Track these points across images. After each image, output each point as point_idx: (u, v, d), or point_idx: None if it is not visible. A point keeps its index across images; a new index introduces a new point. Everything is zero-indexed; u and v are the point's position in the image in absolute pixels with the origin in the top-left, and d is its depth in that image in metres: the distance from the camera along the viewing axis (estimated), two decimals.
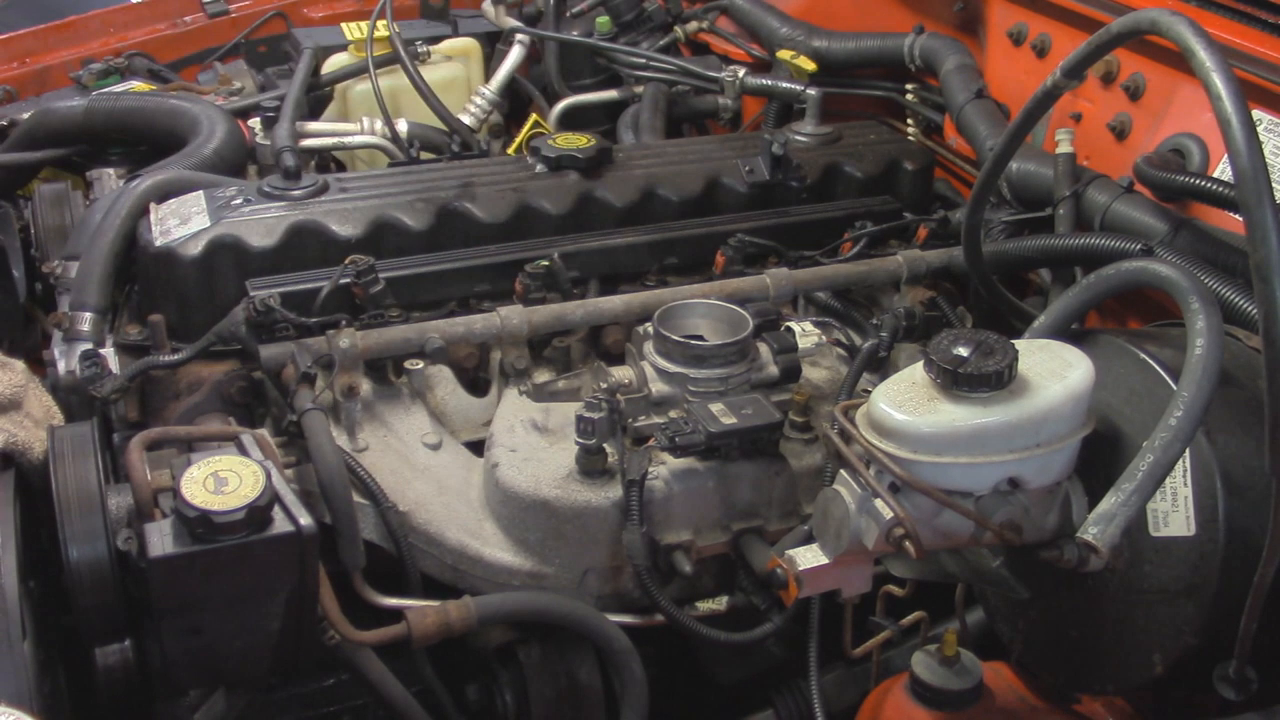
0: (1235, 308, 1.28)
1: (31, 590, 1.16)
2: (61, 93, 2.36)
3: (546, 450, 1.44)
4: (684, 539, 1.42)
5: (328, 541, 1.29)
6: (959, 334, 1.11)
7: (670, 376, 1.45)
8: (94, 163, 2.05)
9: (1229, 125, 1.00)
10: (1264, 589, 1.05)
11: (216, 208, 1.61)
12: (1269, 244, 0.97)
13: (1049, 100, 1.26)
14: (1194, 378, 1.05)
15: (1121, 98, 1.67)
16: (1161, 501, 1.14)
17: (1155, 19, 1.09)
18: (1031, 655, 1.32)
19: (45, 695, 1.10)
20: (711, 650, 1.57)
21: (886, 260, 1.70)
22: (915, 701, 1.27)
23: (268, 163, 2.07)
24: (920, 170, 1.90)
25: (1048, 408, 1.09)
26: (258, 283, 1.54)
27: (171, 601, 1.12)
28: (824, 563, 1.16)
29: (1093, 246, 1.49)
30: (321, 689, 1.48)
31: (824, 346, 1.65)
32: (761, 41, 2.34)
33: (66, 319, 1.54)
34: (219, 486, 1.11)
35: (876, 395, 1.12)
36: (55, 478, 1.18)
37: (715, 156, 1.86)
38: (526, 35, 2.41)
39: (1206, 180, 1.43)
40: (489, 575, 1.42)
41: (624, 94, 2.39)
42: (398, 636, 1.32)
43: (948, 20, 2.06)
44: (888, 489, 1.09)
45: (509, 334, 1.53)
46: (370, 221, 1.64)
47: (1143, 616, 1.16)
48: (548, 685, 1.46)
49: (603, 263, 1.69)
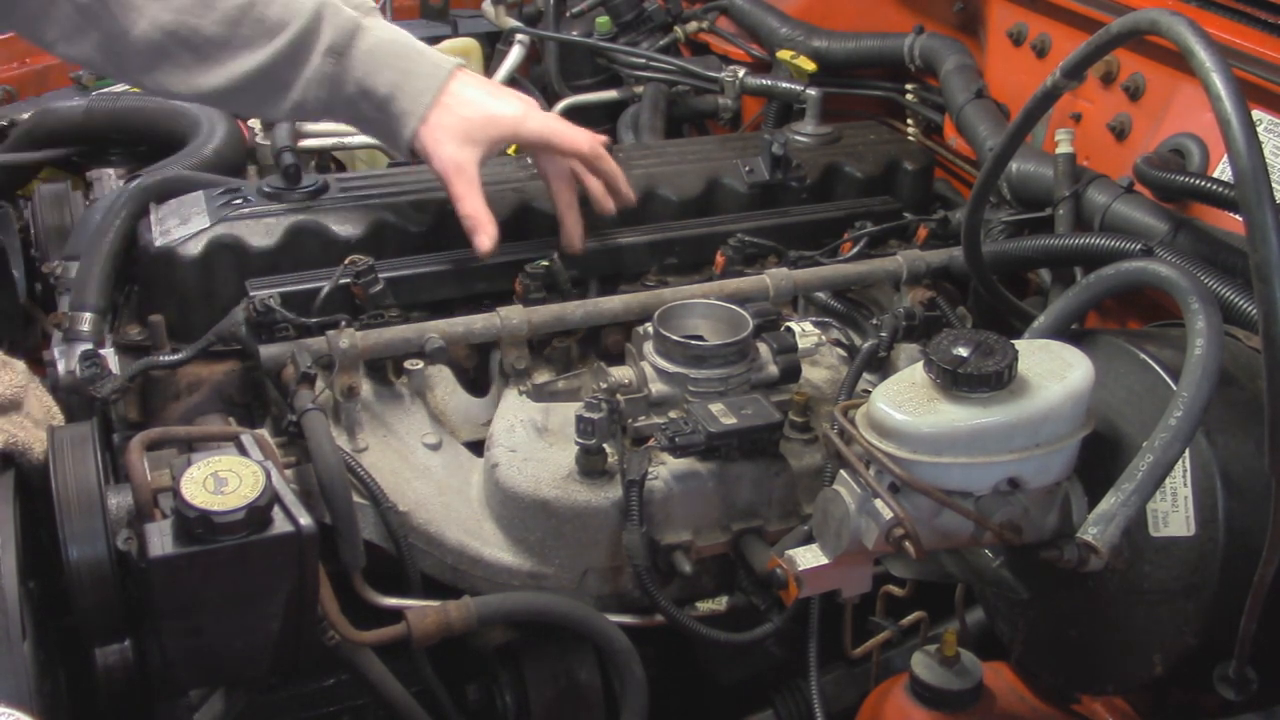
0: (1235, 308, 1.28)
1: (31, 590, 1.16)
2: (61, 93, 2.36)
3: (546, 450, 1.44)
4: (684, 539, 1.42)
5: (328, 541, 1.29)
6: (959, 334, 1.11)
7: (670, 377, 1.46)
8: (94, 163, 2.05)
9: (1229, 125, 1.00)
10: (1264, 589, 1.05)
11: (216, 208, 1.61)
12: (1269, 244, 0.97)
13: (1049, 100, 1.26)
14: (1194, 378, 1.05)
15: (1121, 98, 1.67)
16: (1161, 501, 1.14)
17: (1155, 19, 1.09)
18: (1031, 655, 1.32)
19: (45, 695, 1.10)
20: (711, 650, 1.57)
21: (886, 260, 1.70)
22: (915, 702, 1.28)
23: (268, 163, 2.07)
24: (920, 170, 1.90)
25: (1047, 408, 1.09)
26: (257, 283, 1.55)
27: (171, 602, 1.12)
28: (824, 563, 1.16)
29: (1093, 246, 1.49)
30: (321, 689, 1.48)
31: (824, 346, 1.65)
32: (761, 41, 2.34)
33: (66, 319, 1.54)
34: (219, 487, 1.11)
35: (876, 395, 1.12)
36: (55, 478, 1.18)
37: (715, 156, 1.86)
38: (526, 35, 2.41)
39: (1206, 180, 1.43)
40: (489, 575, 1.42)
41: (624, 94, 2.39)
42: (398, 636, 1.32)
43: (948, 20, 2.06)
44: (888, 489, 1.09)
45: (509, 334, 1.53)
46: (370, 221, 1.64)
47: (1143, 616, 1.16)
48: (548, 685, 1.46)
49: (603, 263, 1.69)
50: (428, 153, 1.56)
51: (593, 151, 1.61)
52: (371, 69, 1.54)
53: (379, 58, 1.54)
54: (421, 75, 1.55)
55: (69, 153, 2.10)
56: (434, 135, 1.55)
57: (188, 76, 1.53)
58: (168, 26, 1.49)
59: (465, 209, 1.56)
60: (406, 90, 1.54)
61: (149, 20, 1.49)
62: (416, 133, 1.55)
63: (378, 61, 1.54)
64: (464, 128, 1.55)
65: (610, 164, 1.63)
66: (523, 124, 1.58)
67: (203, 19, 1.49)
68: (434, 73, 1.56)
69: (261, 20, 1.51)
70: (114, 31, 1.49)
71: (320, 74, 1.53)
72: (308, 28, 1.51)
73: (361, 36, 1.54)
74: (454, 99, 1.56)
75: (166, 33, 1.49)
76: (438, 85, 1.55)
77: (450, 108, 1.55)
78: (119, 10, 1.48)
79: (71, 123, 2.08)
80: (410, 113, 1.55)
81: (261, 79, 1.53)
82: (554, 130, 1.59)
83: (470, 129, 1.55)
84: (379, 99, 1.55)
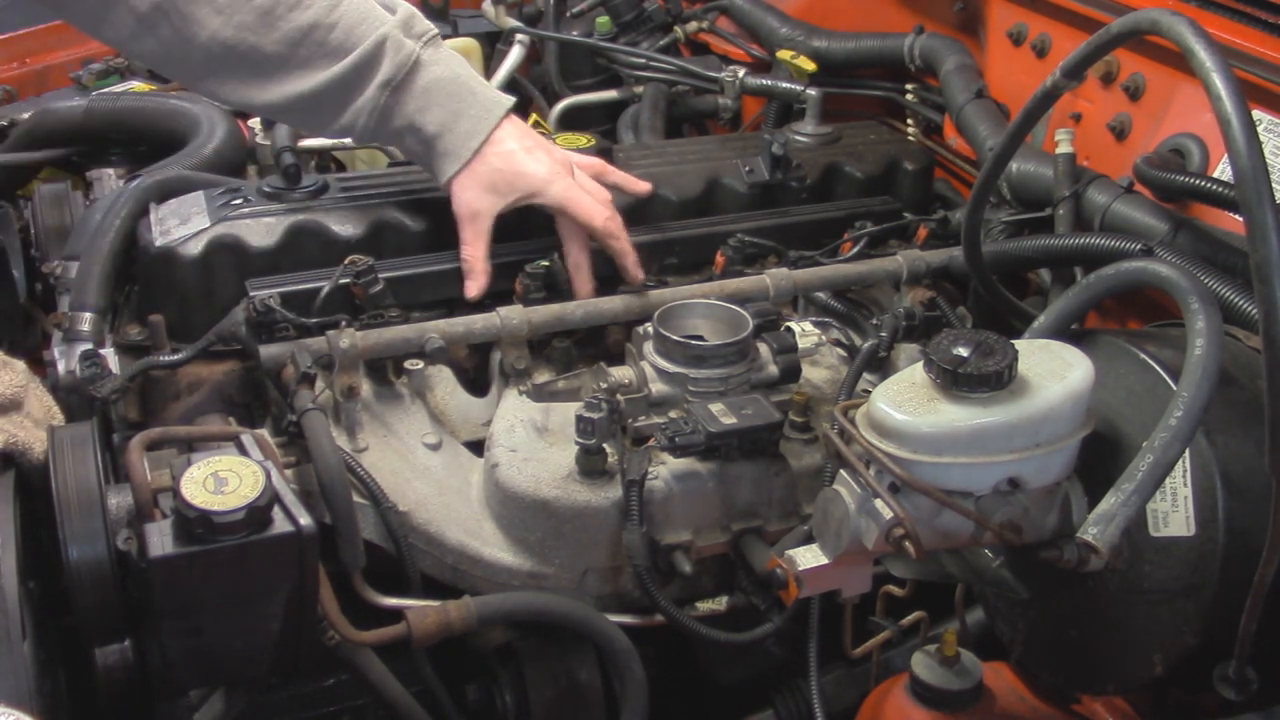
0: (1235, 308, 1.28)
1: (31, 590, 1.16)
2: (61, 93, 2.36)
3: (546, 450, 1.44)
4: (684, 539, 1.42)
5: (328, 541, 1.29)
6: (959, 334, 1.11)
7: (670, 376, 1.46)
8: (94, 163, 2.05)
9: (1229, 125, 1.00)
10: (1264, 589, 1.05)
11: (216, 208, 1.61)
12: (1269, 244, 0.97)
13: (1049, 100, 1.26)
14: (1194, 378, 1.05)
15: (1121, 98, 1.67)
16: (1161, 501, 1.14)
17: (1155, 19, 1.09)
18: (1031, 655, 1.32)
19: (45, 695, 1.10)
20: (711, 650, 1.57)
21: (886, 260, 1.70)
22: (915, 702, 1.27)
23: (268, 163, 2.07)
24: (920, 170, 1.90)
25: (1047, 408, 1.09)
26: (257, 283, 1.54)
27: (171, 602, 1.12)
28: (824, 563, 1.16)
29: (1093, 246, 1.49)
30: (321, 689, 1.48)
31: (824, 346, 1.65)
32: (761, 41, 2.34)
33: (66, 319, 1.54)
34: (219, 486, 1.11)
35: (876, 395, 1.12)
36: (55, 478, 1.18)
37: (715, 156, 1.86)
38: (526, 35, 2.41)
39: (1206, 180, 1.43)
40: (489, 575, 1.42)
41: (624, 94, 2.39)
42: (398, 636, 1.32)
43: (948, 20, 2.06)
44: (888, 489, 1.09)
45: (509, 334, 1.53)
46: (370, 221, 1.64)
47: (1143, 616, 1.16)
48: (548, 685, 1.46)
49: (603, 263, 1.69)
50: (451, 193, 1.60)
51: (604, 229, 1.62)
52: (423, 105, 1.56)
53: (432, 96, 1.56)
54: (470, 118, 1.57)
55: (69, 153, 2.10)
56: (462, 180, 1.58)
57: (243, 90, 1.55)
58: (228, 42, 1.50)
59: (466, 253, 1.60)
60: (454, 132, 1.57)
61: (209, 34, 1.50)
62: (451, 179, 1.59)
63: (430, 99, 1.56)
64: (491, 179, 1.58)
65: (621, 242, 1.64)
66: (546, 188, 1.60)
67: (264, 38, 1.51)
68: (483, 117, 1.58)
69: (323, 44, 1.52)
70: (173, 41, 1.51)
71: (372, 105, 1.54)
72: (367, 58, 1.53)
73: (419, 73, 1.55)
74: (493, 147, 1.58)
75: (226, 48, 1.51)
76: (485, 131, 1.58)
77: (487, 156, 1.58)
78: (180, 22, 1.49)
79: (71, 123, 2.07)
80: (455, 155, 1.57)
81: (314, 101, 1.55)
82: (572, 200, 1.61)
83: (496, 181, 1.58)
84: (426, 136, 1.57)
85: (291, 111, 1.58)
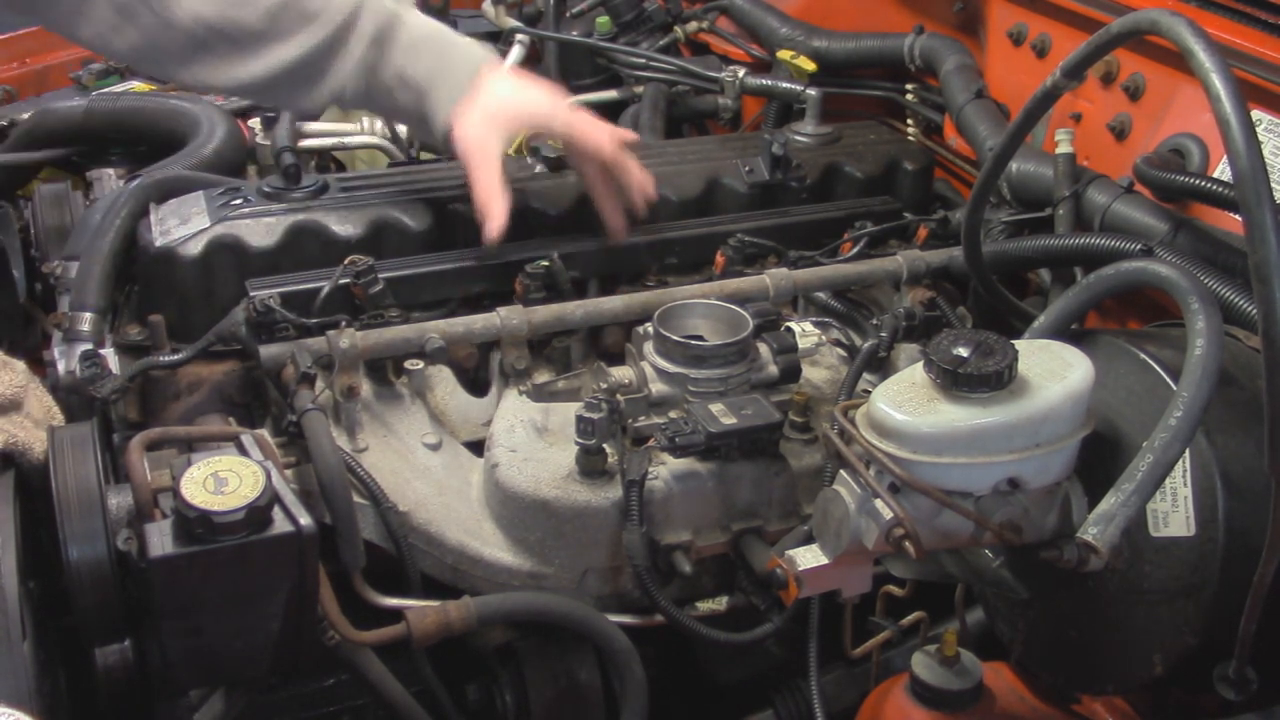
0: (1235, 308, 1.28)
1: (31, 590, 1.16)
2: (61, 93, 2.36)
3: (546, 450, 1.44)
4: (684, 539, 1.42)
5: (328, 541, 1.29)
6: (959, 334, 1.11)
7: (670, 377, 1.46)
8: (94, 163, 2.05)
9: (1228, 125, 1.00)
10: (1264, 589, 1.05)
11: (216, 208, 1.61)
12: (1269, 244, 0.97)
13: (1049, 100, 1.26)
14: (1194, 378, 1.05)
15: (1121, 98, 1.67)
16: (1161, 501, 1.14)
17: (1155, 19, 1.09)
18: (1031, 655, 1.32)
19: (45, 695, 1.10)
20: (711, 650, 1.57)
21: (886, 260, 1.70)
22: (915, 702, 1.27)
23: (268, 163, 2.07)
24: (920, 170, 1.90)
25: (1047, 408, 1.09)
26: (257, 283, 1.54)
27: (171, 602, 1.12)
28: (824, 563, 1.16)
29: (1093, 246, 1.49)
30: (321, 689, 1.48)
31: (824, 346, 1.65)
32: (761, 41, 2.33)
33: (66, 319, 1.54)
34: (219, 487, 1.11)
35: (876, 395, 1.12)
36: (55, 478, 1.18)
37: (715, 156, 1.86)
38: (526, 35, 2.41)
39: (1206, 180, 1.43)
40: (489, 575, 1.42)
41: (624, 94, 2.39)
42: (398, 636, 1.32)
43: (948, 20, 2.06)
44: (888, 489, 1.09)
45: (509, 334, 1.53)
46: (370, 221, 1.64)
47: (1143, 616, 1.16)
48: (548, 685, 1.46)
49: (603, 263, 1.69)
50: (453, 133, 1.60)
51: (613, 156, 1.63)
52: (410, 58, 1.58)
53: (419, 48, 1.58)
54: (458, 64, 1.59)
55: (69, 153, 2.10)
56: (462, 117, 1.59)
57: (226, 68, 1.55)
58: (210, 20, 1.51)
59: (478, 192, 1.59)
60: (443, 79, 1.58)
61: (191, 15, 1.51)
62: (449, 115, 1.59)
63: (416, 51, 1.58)
64: (495, 109, 1.59)
65: (627, 171, 1.64)
66: (550, 117, 1.62)
67: (245, 11, 1.52)
68: (470, 61, 1.60)
69: (303, 12, 1.54)
70: (153, 27, 1.51)
71: (359, 64, 1.56)
72: (348, 20, 1.55)
73: (400, 27, 1.58)
74: (487, 87, 1.60)
75: (207, 26, 1.51)
76: (473, 73, 1.59)
77: (482, 94, 1.59)
78: (160, 7, 1.50)
79: (71, 123, 2.08)
80: (451, 91, 1.58)
81: (300, 69, 1.55)
82: (577, 129, 1.63)
83: (498, 114, 1.59)
84: (418, 85, 1.58)
85: (279, 85, 1.57)
